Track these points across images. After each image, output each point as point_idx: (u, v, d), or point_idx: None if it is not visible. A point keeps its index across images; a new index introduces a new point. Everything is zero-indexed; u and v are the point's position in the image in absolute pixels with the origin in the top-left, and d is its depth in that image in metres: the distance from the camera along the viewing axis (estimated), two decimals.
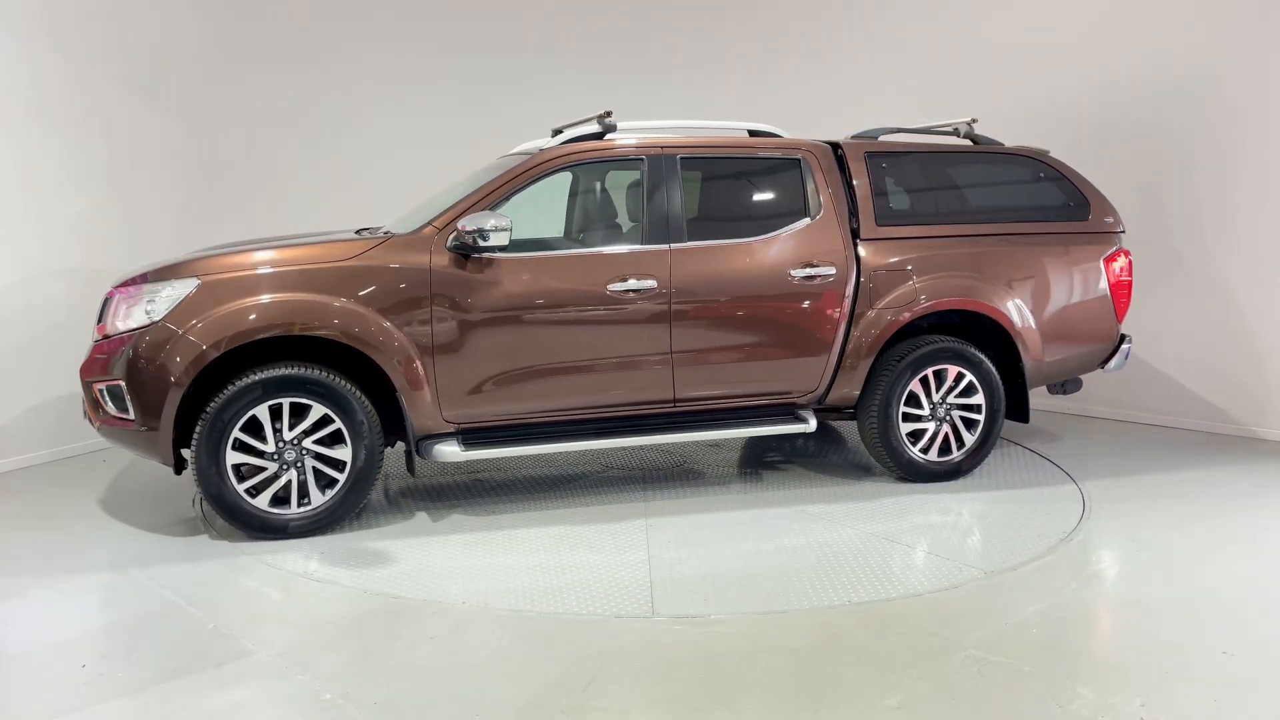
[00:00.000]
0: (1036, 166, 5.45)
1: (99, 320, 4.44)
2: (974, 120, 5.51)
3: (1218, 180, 6.07)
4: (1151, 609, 3.64)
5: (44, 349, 5.75)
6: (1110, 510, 4.72)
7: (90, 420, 4.44)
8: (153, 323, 4.18)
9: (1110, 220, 5.48)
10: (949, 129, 5.55)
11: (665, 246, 4.70)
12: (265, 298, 4.23)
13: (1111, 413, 6.64)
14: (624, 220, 5.18)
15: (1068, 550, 4.23)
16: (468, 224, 4.34)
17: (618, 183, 5.24)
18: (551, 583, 3.89)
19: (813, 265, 4.88)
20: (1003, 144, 5.54)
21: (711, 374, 4.79)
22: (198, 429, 4.20)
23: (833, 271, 4.90)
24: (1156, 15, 6.22)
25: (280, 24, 7.01)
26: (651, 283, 4.63)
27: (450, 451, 4.48)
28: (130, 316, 4.25)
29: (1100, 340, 5.45)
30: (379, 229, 5.18)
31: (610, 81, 7.66)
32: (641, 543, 4.33)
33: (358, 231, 5.23)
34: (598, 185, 5.33)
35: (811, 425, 4.97)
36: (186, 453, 4.33)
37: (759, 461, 5.67)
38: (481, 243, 4.35)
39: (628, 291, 4.60)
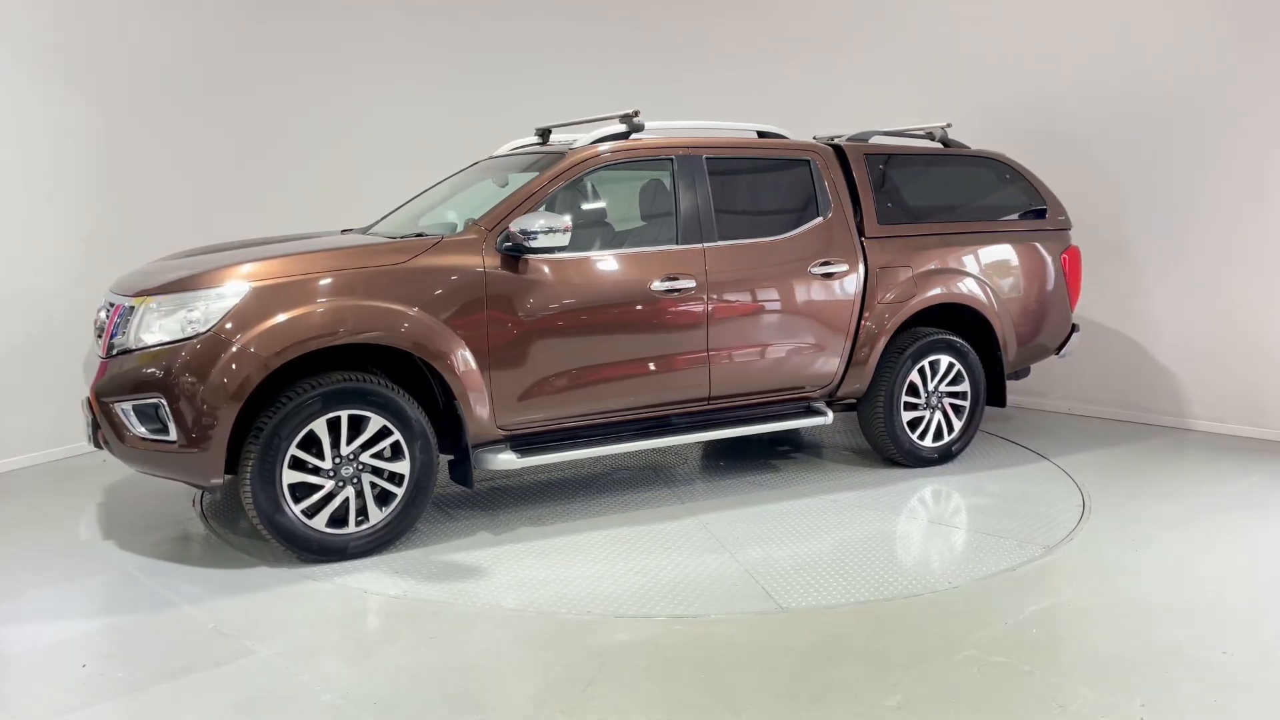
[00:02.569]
0: (1003, 168, 5.78)
1: (113, 333, 4.03)
2: (948, 125, 5.78)
3: (1217, 179, 6.06)
4: (1151, 609, 3.65)
5: (43, 349, 5.74)
6: (1109, 510, 4.72)
7: (100, 442, 4.08)
8: (198, 334, 3.83)
9: (1063, 218, 5.85)
10: (922, 132, 5.82)
11: (699, 245, 4.74)
12: (333, 303, 3.96)
13: (1111, 412, 6.63)
14: (632, 220, 5.17)
15: (1067, 550, 4.23)
16: (530, 224, 4.18)
17: (620, 181, 5.23)
18: (649, 582, 3.87)
19: (829, 262, 5.03)
20: (969, 146, 5.83)
21: (743, 370, 4.86)
22: (251, 448, 3.88)
23: (846, 268, 5.08)
24: (1153, 20, 6.23)
25: (258, 27, 6.91)
26: (691, 282, 4.66)
27: (506, 459, 4.36)
28: (162, 328, 3.89)
29: (1058, 330, 5.81)
30: (370, 229, 5.18)
31: (599, 82, 7.62)
32: (712, 541, 4.33)
33: (342, 232, 5.22)
34: (589, 185, 5.30)
35: (829, 418, 5.19)
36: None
37: (767, 453, 5.70)
38: (534, 244, 4.22)
39: (671, 290, 4.62)
